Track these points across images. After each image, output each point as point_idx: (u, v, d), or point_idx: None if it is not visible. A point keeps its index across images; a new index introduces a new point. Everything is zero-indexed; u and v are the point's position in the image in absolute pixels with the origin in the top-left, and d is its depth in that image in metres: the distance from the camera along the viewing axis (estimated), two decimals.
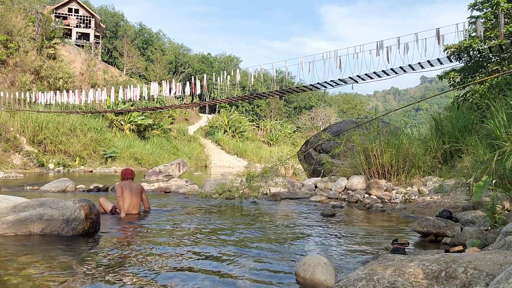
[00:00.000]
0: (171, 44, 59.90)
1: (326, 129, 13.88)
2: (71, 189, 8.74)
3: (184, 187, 9.05)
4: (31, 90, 25.72)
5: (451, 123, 9.25)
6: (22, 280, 2.47)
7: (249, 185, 7.25)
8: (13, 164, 19.18)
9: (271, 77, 50.66)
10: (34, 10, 30.85)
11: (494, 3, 12.09)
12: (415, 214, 5.46)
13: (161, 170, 15.68)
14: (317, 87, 13.40)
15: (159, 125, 33.84)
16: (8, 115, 21.16)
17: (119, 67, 46.17)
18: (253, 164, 22.07)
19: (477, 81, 12.33)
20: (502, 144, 4.34)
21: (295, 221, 5.12)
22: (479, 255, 2.02)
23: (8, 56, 27.12)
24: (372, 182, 7.61)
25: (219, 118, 47.12)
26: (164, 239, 3.80)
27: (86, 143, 23.40)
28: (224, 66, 59.85)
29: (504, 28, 11.06)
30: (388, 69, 11.28)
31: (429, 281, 1.86)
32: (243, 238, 3.91)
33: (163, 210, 5.73)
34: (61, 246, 3.43)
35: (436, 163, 8.64)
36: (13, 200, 4.40)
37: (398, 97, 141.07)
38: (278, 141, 48.44)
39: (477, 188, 3.54)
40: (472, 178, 4.51)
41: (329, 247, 3.64)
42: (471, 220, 4.11)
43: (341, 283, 2.10)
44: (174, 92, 15.68)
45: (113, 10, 53.08)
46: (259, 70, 14.46)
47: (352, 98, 75.89)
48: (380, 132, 8.37)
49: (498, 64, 12.75)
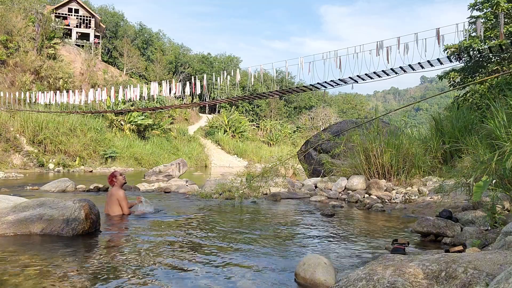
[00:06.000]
0: (171, 44, 59.88)
1: (326, 129, 13.87)
2: (71, 189, 8.74)
3: (184, 187, 9.05)
4: (31, 90, 25.71)
5: (451, 123, 9.25)
6: (22, 280, 2.47)
7: (249, 185, 7.25)
8: (13, 164, 19.18)
9: (271, 77, 50.69)
10: (34, 10, 30.84)
11: (494, 3, 12.09)
12: (415, 214, 5.46)
13: (161, 170, 15.67)
14: (317, 87, 13.40)
15: (159, 125, 33.83)
16: (8, 115, 21.16)
17: (119, 67, 46.15)
18: (253, 164, 22.12)
19: (477, 81, 12.33)
20: (502, 144, 4.34)
21: (295, 221, 5.12)
22: (479, 255, 2.02)
23: (8, 56, 27.12)
24: (372, 182, 7.60)
25: (219, 118, 47.10)
26: (164, 239, 3.80)
27: (86, 143, 23.39)
28: (224, 66, 59.82)
29: (504, 28, 11.07)
30: (388, 69, 11.28)
31: (429, 281, 1.86)
32: (243, 238, 3.91)
33: (163, 210, 5.73)
34: (61, 246, 3.42)
35: (436, 163, 8.64)
36: (13, 200, 4.39)
37: (398, 97, 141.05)
38: (278, 141, 48.43)
39: (477, 188, 3.54)
40: (472, 178, 4.50)
41: (329, 247, 3.64)
42: (471, 220, 4.11)
43: (341, 283, 2.10)
44: (174, 92, 15.68)
45: (113, 10, 53.06)
46: (259, 70, 14.46)
47: (352, 98, 75.88)
48: (380, 132, 8.37)
49: (498, 64, 12.75)
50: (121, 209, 5.14)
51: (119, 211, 5.10)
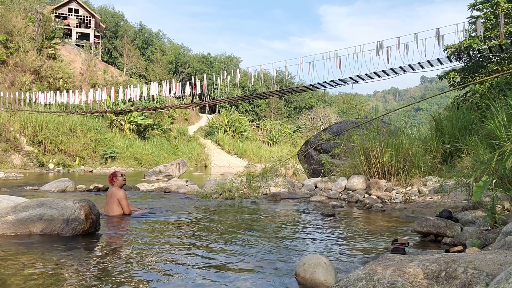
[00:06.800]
0: (171, 44, 59.89)
1: (326, 129, 13.87)
2: (71, 189, 8.74)
3: (184, 187, 9.05)
4: (31, 90, 25.72)
5: (451, 123, 9.24)
6: (22, 280, 2.47)
7: (249, 185, 7.25)
8: (13, 164, 19.18)
9: (271, 77, 50.62)
10: (34, 10, 30.84)
11: (494, 3, 12.09)
12: (415, 214, 5.46)
13: (161, 170, 15.68)
14: (317, 87, 13.41)
15: (159, 125, 33.84)
16: (8, 115, 21.16)
17: (119, 67, 46.14)
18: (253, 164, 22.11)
19: (477, 81, 12.33)
20: (502, 144, 4.33)
21: (295, 221, 5.12)
22: (479, 255, 2.02)
23: (8, 56, 27.12)
24: (372, 182, 7.60)
25: (219, 118, 47.09)
26: (164, 239, 3.80)
27: (86, 143, 23.40)
28: (224, 66, 59.82)
29: (504, 28, 11.07)
30: (388, 69, 11.30)
31: (429, 281, 1.86)
32: (243, 238, 3.91)
33: (163, 210, 5.73)
34: (61, 246, 3.42)
35: (436, 163, 8.64)
36: (13, 200, 4.39)
37: (398, 97, 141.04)
38: (278, 141, 48.43)
39: (477, 188, 3.54)
40: (472, 178, 4.50)
41: (329, 247, 3.64)
42: (471, 220, 4.11)
43: (341, 283, 2.10)
44: (174, 92, 15.69)
45: (113, 10, 53.05)
46: (259, 70, 14.46)
47: (352, 98, 75.87)
48: (380, 132, 8.37)
49: (498, 64, 12.75)
50: (122, 209, 5.12)
51: (118, 211, 5.08)
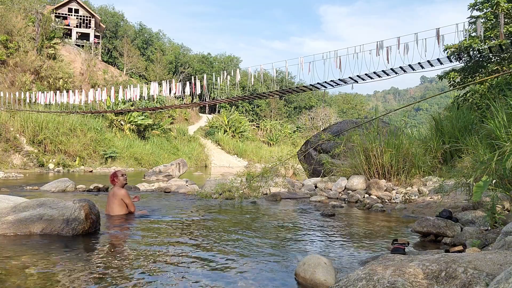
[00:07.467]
0: (171, 44, 59.89)
1: (326, 129, 13.87)
2: (71, 189, 8.74)
3: (184, 187, 9.05)
4: (31, 90, 25.72)
5: (451, 123, 9.25)
6: (22, 280, 2.47)
7: (249, 185, 7.25)
8: (13, 164, 19.18)
9: (271, 77, 50.61)
10: (34, 10, 30.83)
11: (494, 3, 12.09)
12: (415, 214, 5.46)
13: (161, 170, 15.67)
14: (317, 87, 13.41)
15: (159, 125, 33.83)
16: (8, 115, 21.16)
17: (119, 67, 46.14)
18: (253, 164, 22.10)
19: (477, 81, 12.33)
20: (502, 144, 4.33)
21: (295, 221, 5.12)
22: (479, 255, 2.02)
23: (8, 56, 27.11)
24: (372, 182, 7.60)
25: (219, 118, 47.09)
26: (164, 239, 3.80)
27: (86, 143, 23.40)
28: (224, 66, 59.82)
29: (504, 28, 11.07)
30: (388, 69, 11.29)
31: (429, 281, 1.86)
32: (243, 238, 3.91)
33: (163, 210, 5.73)
34: (61, 246, 3.42)
35: (436, 163, 8.64)
36: (13, 200, 4.39)
37: (398, 97, 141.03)
38: (278, 141, 48.43)
39: (477, 188, 3.54)
40: (472, 178, 4.50)
41: (329, 247, 3.64)
42: (471, 220, 4.11)
43: (341, 283, 2.10)
44: (174, 92, 15.69)
45: (113, 10, 53.06)
46: (259, 70, 14.46)
47: (352, 98, 75.87)
48: (380, 132, 8.37)
49: (498, 64, 12.75)
50: (127, 207, 5.11)
51: (120, 211, 5.07)
